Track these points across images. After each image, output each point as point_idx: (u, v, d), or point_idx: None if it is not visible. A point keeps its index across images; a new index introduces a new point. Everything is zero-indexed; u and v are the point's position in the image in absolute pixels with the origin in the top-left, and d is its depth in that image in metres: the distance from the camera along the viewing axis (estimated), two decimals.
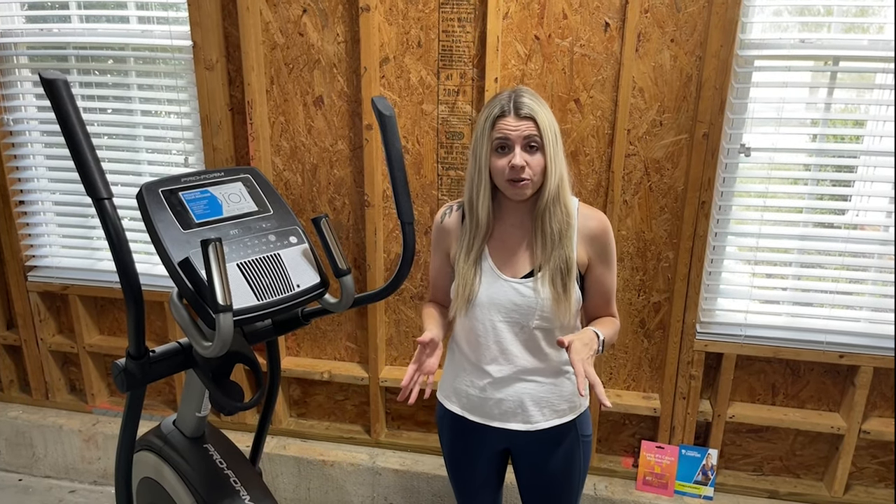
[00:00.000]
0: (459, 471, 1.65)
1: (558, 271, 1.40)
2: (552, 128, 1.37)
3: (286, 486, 2.48)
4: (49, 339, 2.64)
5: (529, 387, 1.49)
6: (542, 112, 1.36)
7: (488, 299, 1.44)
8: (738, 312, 2.15)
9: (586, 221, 1.46)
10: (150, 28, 2.24)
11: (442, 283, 1.59)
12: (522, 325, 1.44)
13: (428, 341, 1.36)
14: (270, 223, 1.30)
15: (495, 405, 1.50)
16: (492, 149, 1.38)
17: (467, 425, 1.56)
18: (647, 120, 2.01)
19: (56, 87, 0.97)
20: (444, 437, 1.64)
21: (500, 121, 1.36)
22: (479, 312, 1.45)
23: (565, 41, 1.98)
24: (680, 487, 2.26)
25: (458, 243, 1.50)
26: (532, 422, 1.50)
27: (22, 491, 2.61)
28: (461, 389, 1.55)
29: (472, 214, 1.45)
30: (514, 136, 1.35)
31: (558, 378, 1.51)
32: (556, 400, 1.51)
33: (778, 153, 2.02)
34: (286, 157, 2.25)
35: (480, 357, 1.49)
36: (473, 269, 1.44)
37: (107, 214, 1.00)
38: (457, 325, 1.54)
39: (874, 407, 2.19)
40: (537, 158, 1.36)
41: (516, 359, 1.47)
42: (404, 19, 2.04)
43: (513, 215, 1.47)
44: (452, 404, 1.58)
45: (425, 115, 2.12)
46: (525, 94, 1.37)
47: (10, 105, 2.42)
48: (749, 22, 1.93)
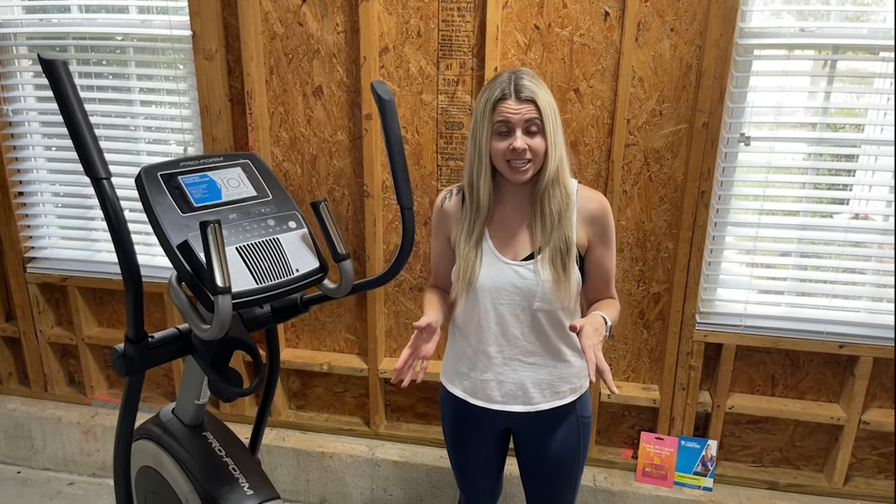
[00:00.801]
0: (461, 454, 1.66)
1: (558, 252, 1.40)
2: (552, 109, 1.37)
3: (285, 478, 2.48)
4: (48, 331, 2.64)
5: (530, 369, 1.49)
6: (543, 94, 1.36)
7: (489, 282, 1.44)
8: (738, 303, 2.15)
9: (586, 203, 1.46)
10: (150, 18, 2.24)
11: (443, 267, 1.60)
12: (524, 308, 1.44)
13: (425, 326, 1.36)
14: (269, 208, 1.30)
15: (496, 387, 1.51)
16: (493, 132, 1.38)
17: (469, 408, 1.56)
18: (646, 109, 2.00)
19: (55, 67, 0.97)
20: (447, 419, 1.65)
21: (501, 104, 1.35)
22: (480, 295, 1.46)
23: (565, 30, 1.98)
24: (679, 478, 2.26)
25: (458, 227, 1.50)
26: (533, 403, 1.51)
27: (20, 483, 2.61)
28: (463, 372, 1.56)
29: (472, 197, 1.45)
30: (516, 119, 1.35)
31: (559, 360, 1.51)
32: (557, 382, 1.51)
33: (778, 142, 2.02)
34: (285, 148, 2.25)
35: (482, 339, 1.50)
36: (474, 252, 1.45)
37: (105, 195, 0.99)
38: (458, 308, 1.55)
39: (874, 397, 2.19)
40: (538, 141, 1.36)
41: (517, 341, 1.47)
42: (404, 9, 2.04)
43: (513, 198, 1.47)
44: (454, 387, 1.58)
45: (425, 105, 2.11)
46: (525, 77, 1.37)
47: (9, 96, 2.41)
48: (749, 10, 1.92)
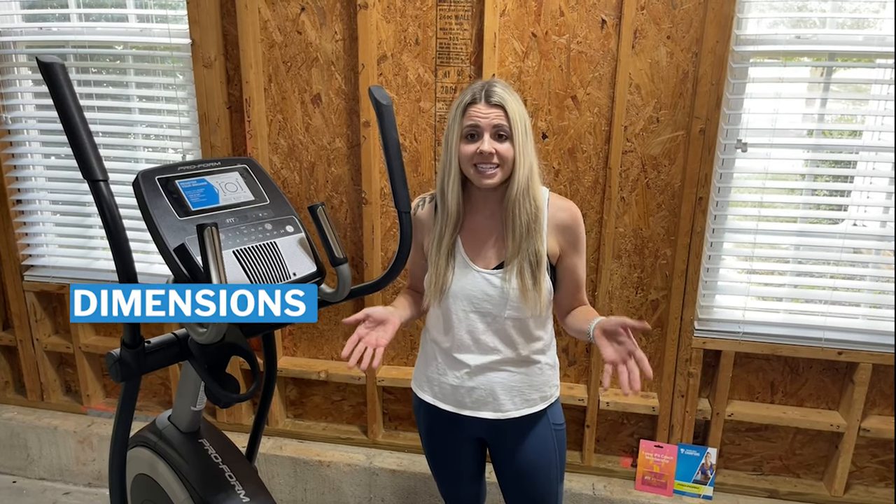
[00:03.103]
0: (437, 459, 1.68)
1: (527, 264, 1.40)
2: (522, 119, 1.38)
3: (283, 487, 2.46)
4: (45, 340, 2.63)
5: (500, 376, 1.50)
6: (513, 102, 1.37)
7: (461, 290, 1.45)
8: (736, 309, 2.15)
9: (556, 212, 1.47)
10: (149, 26, 2.25)
11: (419, 272, 1.61)
12: (495, 316, 1.45)
13: (363, 318, 1.35)
14: (267, 212, 1.30)
15: (467, 394, 1.51)
16: (461, 136, 1.39)
17: (441, 414, 1.56)
18: (643, 116, 2.01)
19: (53, 70, 0.97)
20: (421, 426, 1.66)
21: (471, 108, 1.37)
22: (451, 303, 1.46)
23: (562, 38, 1.99)
24: (679, 487, 2.25)
25: (430, 234, 1.50)
26: (503, 410, 1.51)
27: (16, 493, 2.58)
28: (433, 378, 1.56)
29: (442, 204, 1.45)
30: (484, 123, 1.35)
31: (529, 368, 1.52)
32: (527, 389, 1.52)
33: (775, 148, 2.03)
34: (284, 156, 2.26)
35: (453, 346, 1.50)
36: (445, 260, 1.45)
37: (102, 197, 0.99)
38: (430, 315, 1.55)
39: (873, 405, 2.18)
40: (506, 147, 1.37)
41: (488, 348, 1.48)
42: (402, 17, 2.05)
43: (485, 206, 1.47)
44: (425, 393, 1.59)
45: (423, 113, 2.12)
46: (497, 85, 1.38)
47: (8, 104, 2.42)
48: (744, 18, 1.94)
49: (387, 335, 1.37)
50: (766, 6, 1.98)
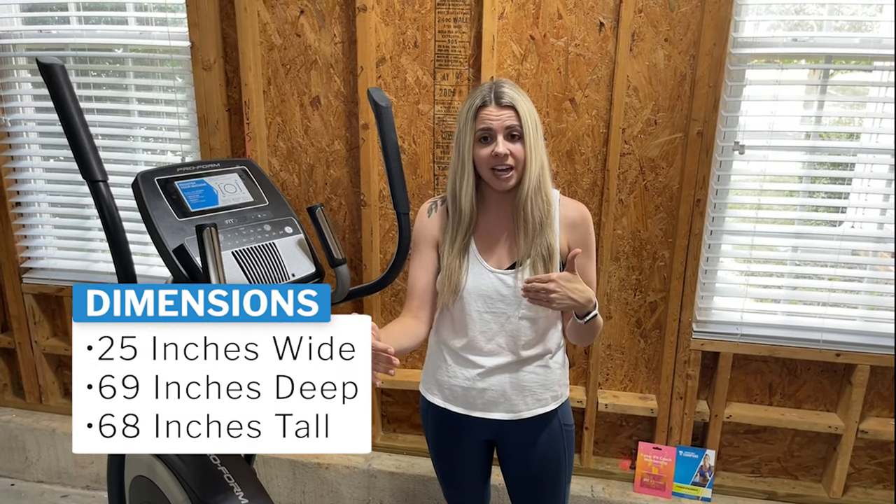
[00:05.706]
0: (445, 462, 1.66)
1: (540, 258, 1.41)
2: (532, 117, 1.39)
3: (281, 490, 2.46)
4: (43, 342, 2.63)
5: (513, 376, 1.50)
6: (522, 101, 1.38)
7: (475, 290, 1.45)
8: (734, 311, 2.16)
9: (566, 210, 1.48)
10: (149, 29, 2.26)
11: (426, 277, 1.52)
12: (509, 316, 1.45)
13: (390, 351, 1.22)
14: (266, 213, 1.31)
15: (478, 395, 1.51)
16: (475, 139, 1.39)
17: (451, 416, 1.55)
18: (641, 119, 2.02)
19: (53, 71, 0.98)
20: (429, 429, 1.64)
21: (482, 111, 1.37)
22: (465, 304, 1.46)
23: (560, 41, 2.00)
24: (678, 489, 2.25)
25: (444, 236, 1.50)
26: (516, 411, 1.51)
27: (14, 495, 2.58)
28: (443, 381, 1.55)
29: (455, 206, 1.45)
30: (496, 125, 1.36)
31: (542, 368, 1.52)
32: (539, 389, 1.51)
33: (772, 151, 2.03)
34: (283, 158, 2.26)
35: (465, 348, 1.50)
36: (458, 260, 1.45)
37: (101, 197, 1.00)
38: (442, 316, 1.54)
39: (871, 406, 2.18)
40: (518, 147, 1.38)
41: (501, 349, 1.48)
42: (401, 20, 2.06)
43: (497, 206, 1.48)
44: (434, 396, 1.58)
45: (421, 115, 2.13)
46: (505, 85, 1.40)
47: (8, 106, 2.42)
48: (741, 20, 1.95)
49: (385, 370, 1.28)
50: (762, 9, 1.99)
